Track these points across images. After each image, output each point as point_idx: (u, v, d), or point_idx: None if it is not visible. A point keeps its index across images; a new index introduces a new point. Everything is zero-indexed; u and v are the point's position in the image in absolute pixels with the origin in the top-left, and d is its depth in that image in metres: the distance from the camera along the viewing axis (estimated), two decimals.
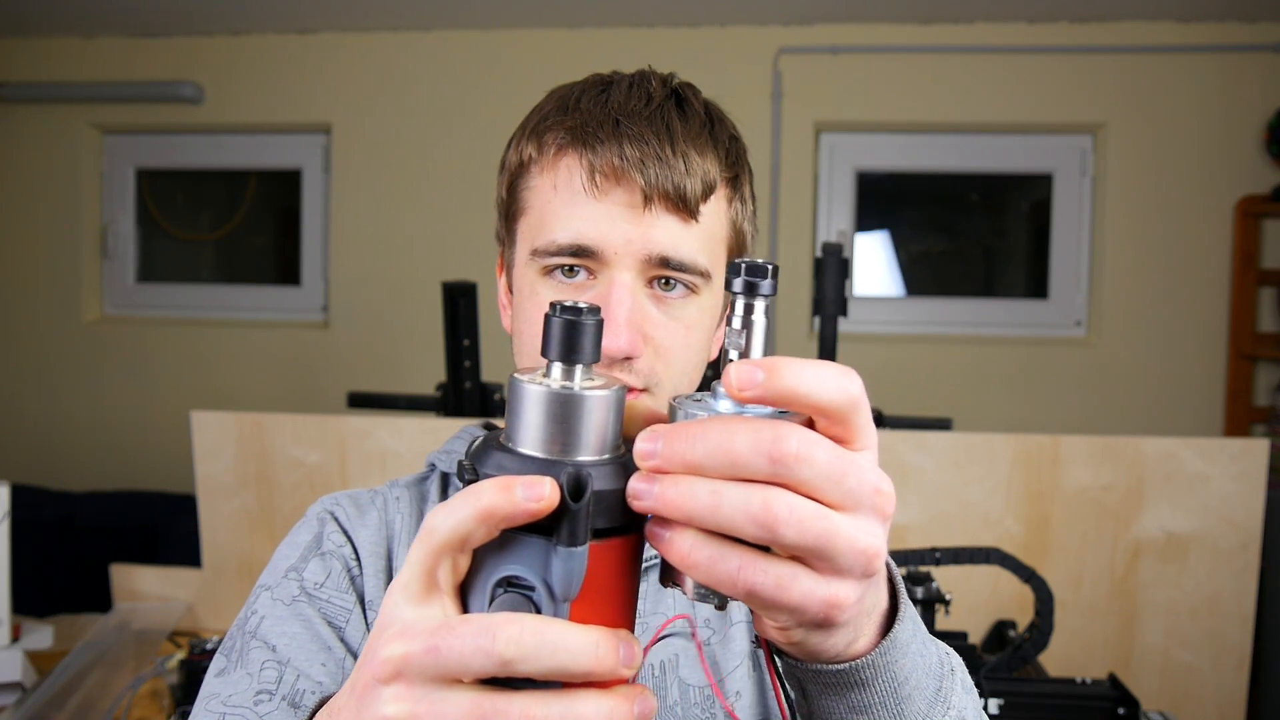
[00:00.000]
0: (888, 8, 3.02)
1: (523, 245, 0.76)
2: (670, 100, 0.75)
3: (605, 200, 0.71)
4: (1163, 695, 1.93)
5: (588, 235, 0.71)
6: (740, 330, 0.42)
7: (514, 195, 0.78)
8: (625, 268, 0.71)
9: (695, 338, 0.76)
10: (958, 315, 3.24)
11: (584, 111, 0.74)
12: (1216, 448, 1.93)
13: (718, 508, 0.38)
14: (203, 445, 2.03)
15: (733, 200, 0.78)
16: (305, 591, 0.76)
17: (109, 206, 3.55)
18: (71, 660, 1.73)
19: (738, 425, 0.38)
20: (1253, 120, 3.01)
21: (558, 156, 0.73)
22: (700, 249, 0.74)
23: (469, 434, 0.87)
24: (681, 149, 0.72)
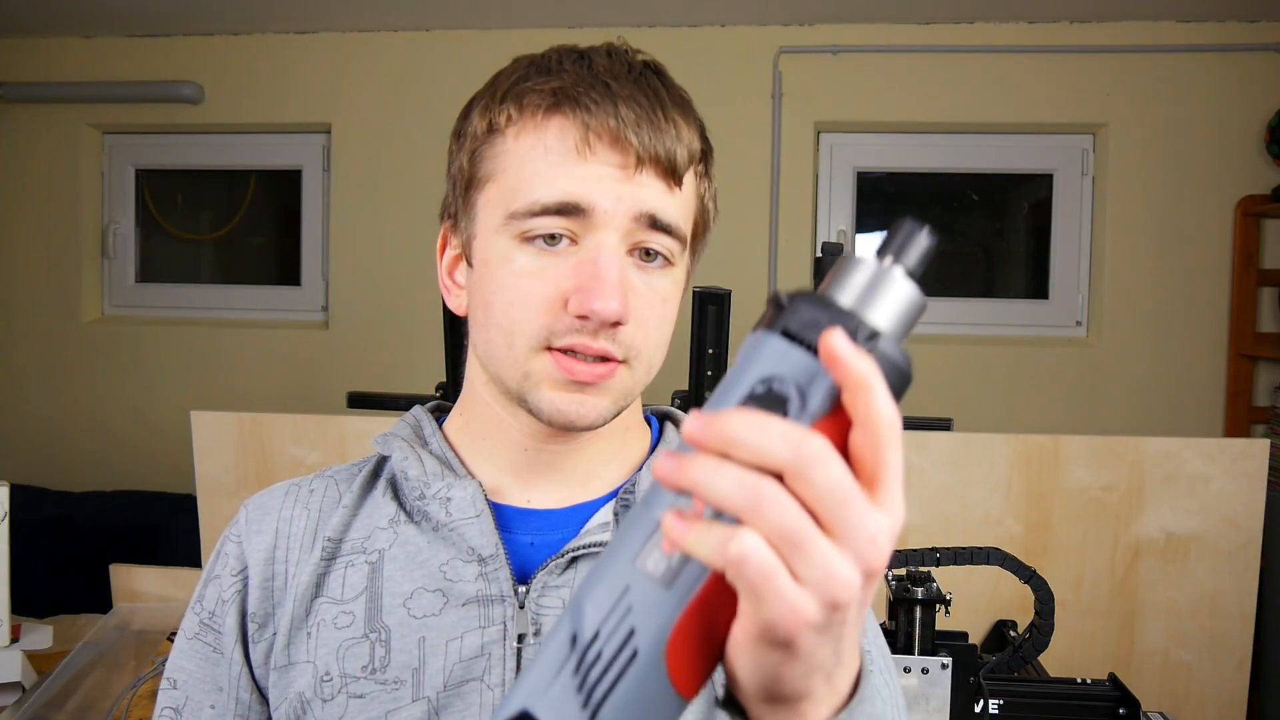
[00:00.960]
0: (888, 8, 3.02)
1: (491, 212, 0.73)
2: (649, 70, 0.74)
3: (595, 161, 0.69)
4: (1163, 695, 1.93)
5: (576, 193, 0.69)
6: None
7: (478, 163, 0.74)
8: (612, 229, 0.70)
9: (669, 311, 0.75)
10: (958, 315, 3.24)
11: (570, 74, 0.72)
12: (1217, 448, 1.93)
13: (717, 475, 0.39)
14: (203, 445, 2.03)
15: (702, 176, 0.77)
16: (203, 622, 0.76)
17: (109, 206, 3.56)
18: (71, 660, 1.73)
19: (775, 419, 0.39)
20: (1253, 120, 3.01)
21: (547, 117, 0.71)
22: (681, 215, 0.73)
23: (413, 418, 0.84)
24: (671, 115, 0.72)
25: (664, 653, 0.41)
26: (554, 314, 0.70)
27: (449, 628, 0.72)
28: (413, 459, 0.78)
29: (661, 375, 0.70)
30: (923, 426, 2.10)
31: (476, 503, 0.75)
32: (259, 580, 0.75)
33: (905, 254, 0.43)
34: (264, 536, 0.77)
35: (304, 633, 0.73)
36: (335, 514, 0.77)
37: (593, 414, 0.72)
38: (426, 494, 0.76)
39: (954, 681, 1.43)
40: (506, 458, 0.78)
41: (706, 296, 2.13)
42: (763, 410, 0.40)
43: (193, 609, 0.77)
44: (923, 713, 1.43)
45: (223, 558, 0.78)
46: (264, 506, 0.79)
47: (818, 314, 0.41)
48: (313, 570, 0.75)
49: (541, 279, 0.70)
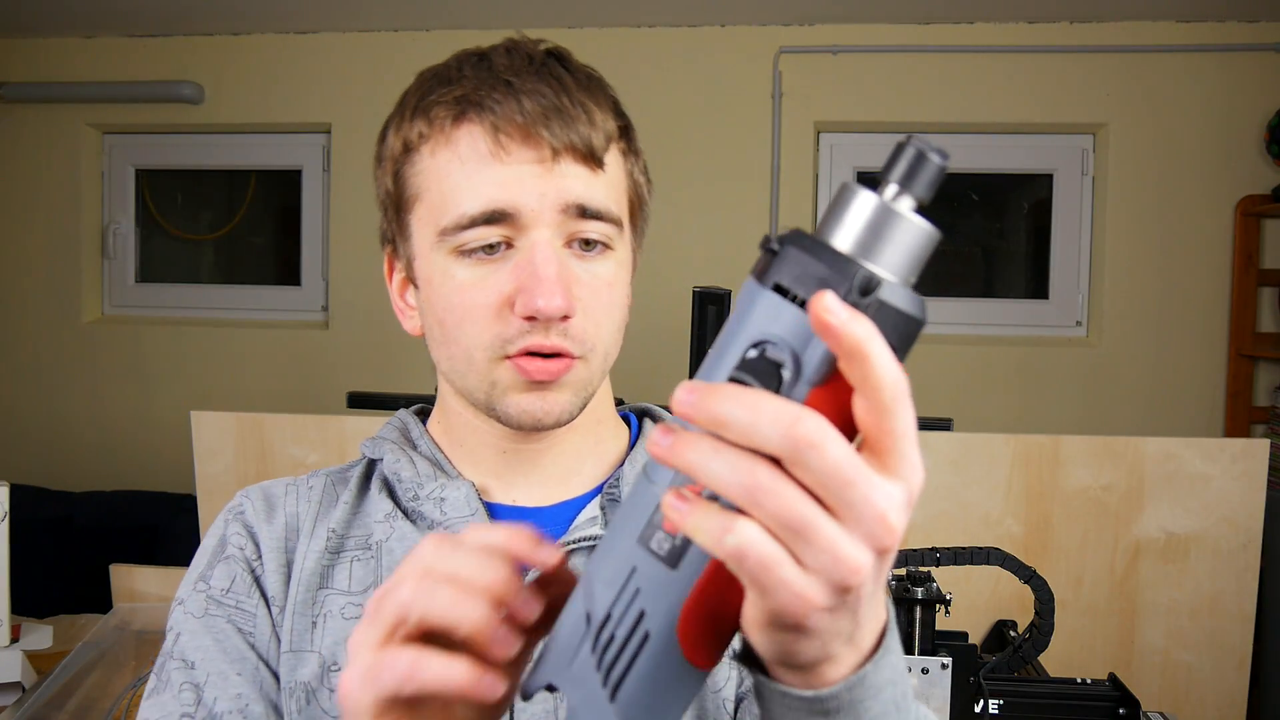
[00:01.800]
0: (888, 8, 3.02)
1: (424, 232, 0.73)
2: (551, 59, 0.73)
3: (511, 161, 0.69)
4: (1163, 696, 1.93)
5: (499, 199, 0.69)
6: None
7: (402, 183, 0.74)
8: (544, 225, 0.69)
9: (617, 295, 0.75)
10: (958, 315, 3.24)
11: (470, 79, 0.71)
12: (1217, 448, 1.93)
13: (711, 460, 0.37)
14: (203, 445, 2.03)
15: (627, 153, 0.77)
16: (213, 600, 0.75)
17: (109, 206, 3.55)
18: (71, 660, 1.73)
19: (766, 397, 0.37)
20: (1253, 120, 3.01)
21: (455, 127, 0.71)
22: (610, 197, 0.73)
23: (399, 421, 0.85)
24: (579, 99, 0.71)
25: (676, 632, 0.40)
26: (503, 320, 0.70)
27: None
28: (404, 461, 0.79)
29: (662, 375, 0.70)
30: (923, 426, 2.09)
31: (470, 502, 0.75)
32: (275, 566, 0.76)
33: (913, 182, 0.39)
34: (275, 525, 0.77)
35: (309, 621, 0.74)
36: (337, 509, 0.78)
37: (557, 409, 0.72)
38: (420, 494, 0.76)
39: (954, 681, 1.43)
40: (486, 460, 0.79)
41: (706, 296, 2.13)
42: (756, 379, 0.38)
43: (196, 588, 0.75)
44: None
45: (232, 540, 0.77)
46: (269, 497, 0.80)
47: (812, 265, 0.38)
48: (317, 559, 0.75)
49: (484, 289, 0.70)
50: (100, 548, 2.93)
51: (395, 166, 0.74)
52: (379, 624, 0.47)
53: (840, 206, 0.39)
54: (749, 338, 0.38)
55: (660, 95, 3.20)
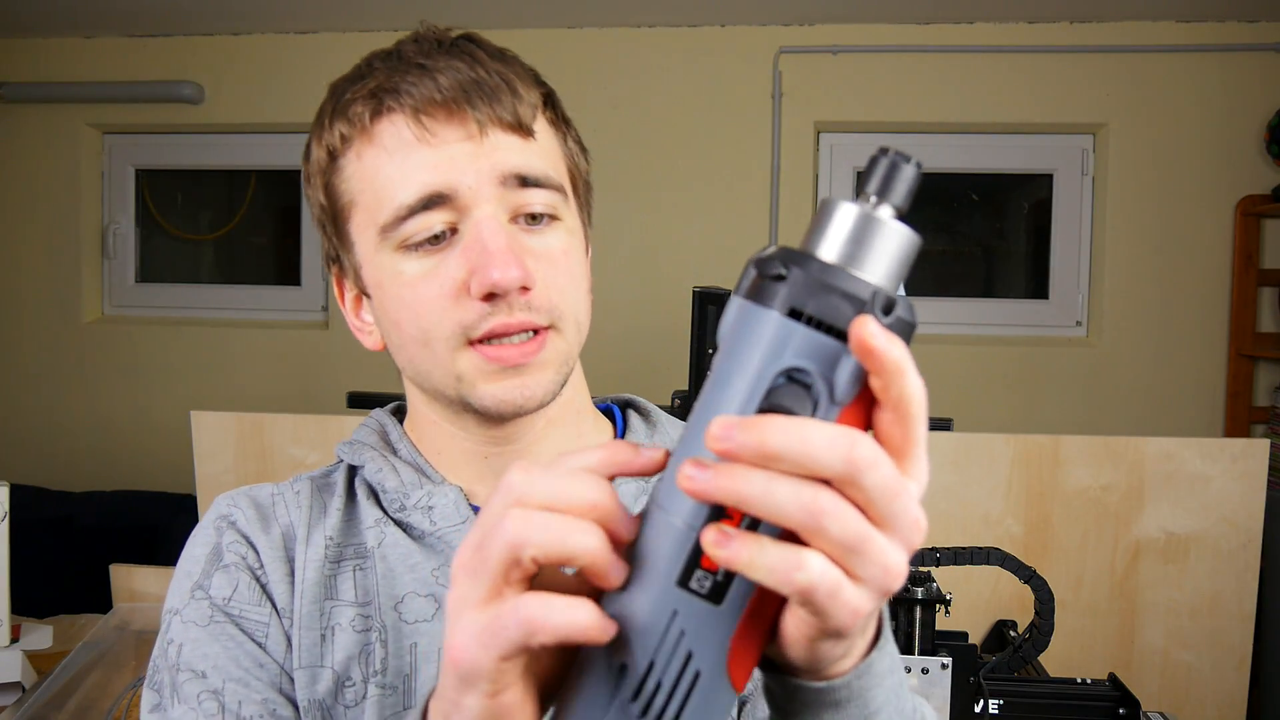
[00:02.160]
0: (888, 8, 3.02)
1: (365, 236, 0.71)
2: (462, 40, 0.72)
3: (438, 143, 0.67)
4: (1163, 696, 1.93)
5: (434, 182, 0.66)
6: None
7: (334, 194, 0.72)
8: (485, 201, 0.67)
9: (575, 264, 0.72)
10: (958, 315, 3.24)
11: (381, 70, 0.69)
12: (1217, 448, 1.93)
13: (770, 492, 0.37)
14: (203, 445, 2.03)
15: (556, 122, 0.74)
16: (217, 608, 0.71)
17: (109, 206, 3.55)
18: (71, 660, 1.73)
19: (814, 424, 0.37)
20: (1253, 120, 3.01)
21: (374, 121, 0.68)
22: (548, 164, 0.70)
23: (376, 423, 0.81)
24: (494, 69, 0.69)
25: (726, 666, 0.40)
26: (461, 306, 0.67)
27: (440, 635, 0.70)
28: (387, 470, 0.75)
29: (662, 375, 0.68)
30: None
31: (460, 508, 0.73)
32: (279, 576, 0.72)
33: (890, 191, 0.39)
34: (272, 535, 0.74)
35: (317, 635, 0.71)
36: (330, 516, 0.75)
37: (539, 391, 0.70)
38: (407, 505, 0.74)
39: (954, 681, 1.43)
40: (468, 467, 0.76)
41: (706, 296, 2.13)
42: (789, 406, 0.37)
43: (194, 597, 0.71)
44: None
45: (230, 548, 0.73)
46: (259, 505, 0.76)
47: (825, 287, 0.37)
48: (318, 569, 0.72)
49: (437, 277, 0.68)
50: (100, 548, 2.93)
51: (324, 179, 0.72)
52: (485, 574, 0.41)
53: (824, 221, 0.39)
54: (774, 366, 0.38)
55: (660, 95, 3.20)
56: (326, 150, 0.71)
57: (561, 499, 0.41)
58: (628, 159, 3.21)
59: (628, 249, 3.20)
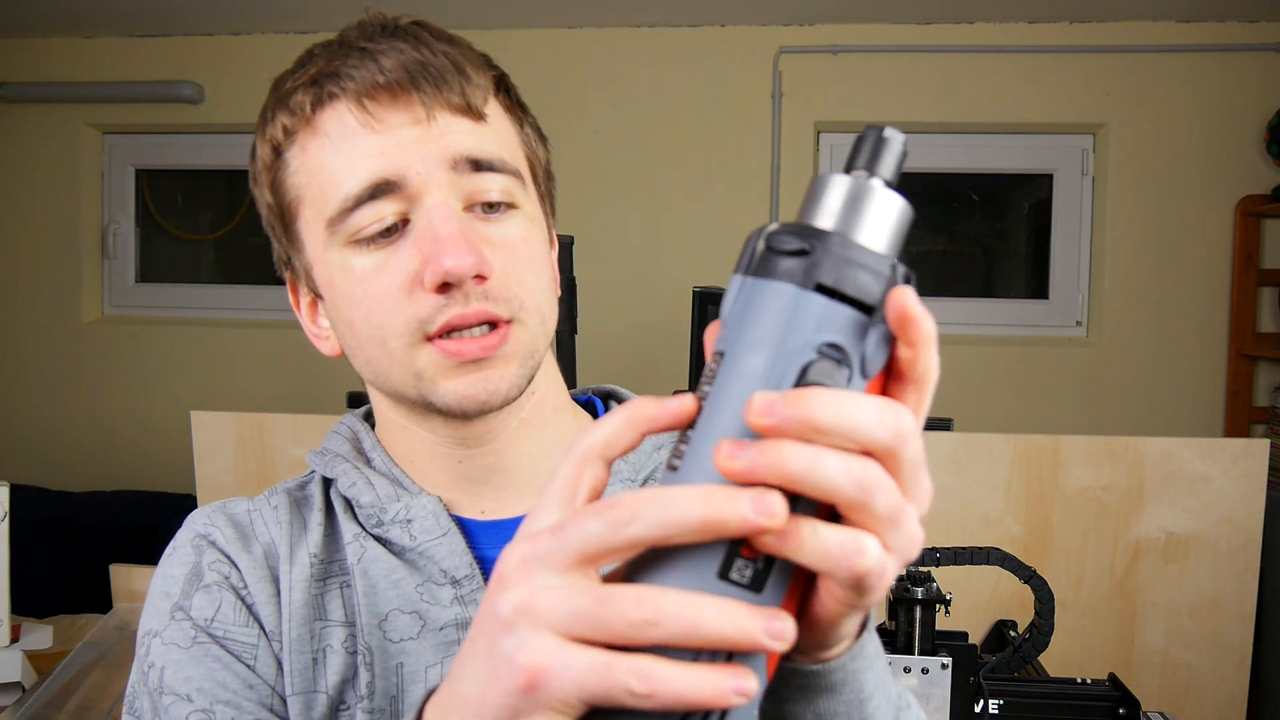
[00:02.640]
0: (888, 8, 3.02)
1: (314, 233, 0.67)
2: (409, 24, 0.68)
3: (383, 128, 0.63)
4: (1163, 695, 1.93)
5: (380, 169, 0.63)
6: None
7: (281, 192, 0.68)
8: (435, 187, 0.63)
9: (536, 253, 0.67)
10: (958, 315, 3.24)
11: (322, 57, 0.66)
12: (1217, 448, 1.93)
13: (821, 466, 0.35)
14: (203, 445, 2.03)
15: (510, 108, 0.70)
16: (200, 629, 0.67)
17: (109, 206, 3.56)
18: (71, 660, 1.73)
19: (860, 397, 0.36)
20: (1253, 120, 3.01)
21: (316, 110, 0.65)
22: (502, 147, 0.66)
23: (348, 430, 0.77)
24: (441, 49, 0.65)
25: (765, 656, 0.39)
26: (415, 299, 0.64)
27: (427, 653, 0.67)
28: (361, 483, 0.71)
29: (661, 374, 0.65)
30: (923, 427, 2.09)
31: (440, 520, 0.69)
32: (265, 597, 0.69)
33: (880, 164, 0.39)
34: (254, 554, 0.70)
35: (309, 658, 0.68)
36: (311, 532, 0.71)
37: (503, 385, 0.65)
38: (384, 520, 0.70)
39: (954, 681, 1.43)
40: (443, 473, 0.72)
41: (706, 296, 2.13)
42: (825, 382, 0.37)
43: (174, 618, 0.68)
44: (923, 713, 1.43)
45: (211, 567, 0.69)
46: (237, 523, 0.72)
47: (849, 261, 0.37)
48: (305, 588, 0.69)
49: (388, 272, 0.64)
50: (100, 548, 2.93)
51: (269, 176, 0.69)
52: (602, 620, 0.36)
53: (821, 194, 0.39)
54: (809, 341, 0.37)
55: (660, 95, 3.20)
56: (271, 146, 0.68)
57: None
58: (628, 159, 3.21)
59: (628, 249, 3.20)
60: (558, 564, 0.37)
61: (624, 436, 0.39)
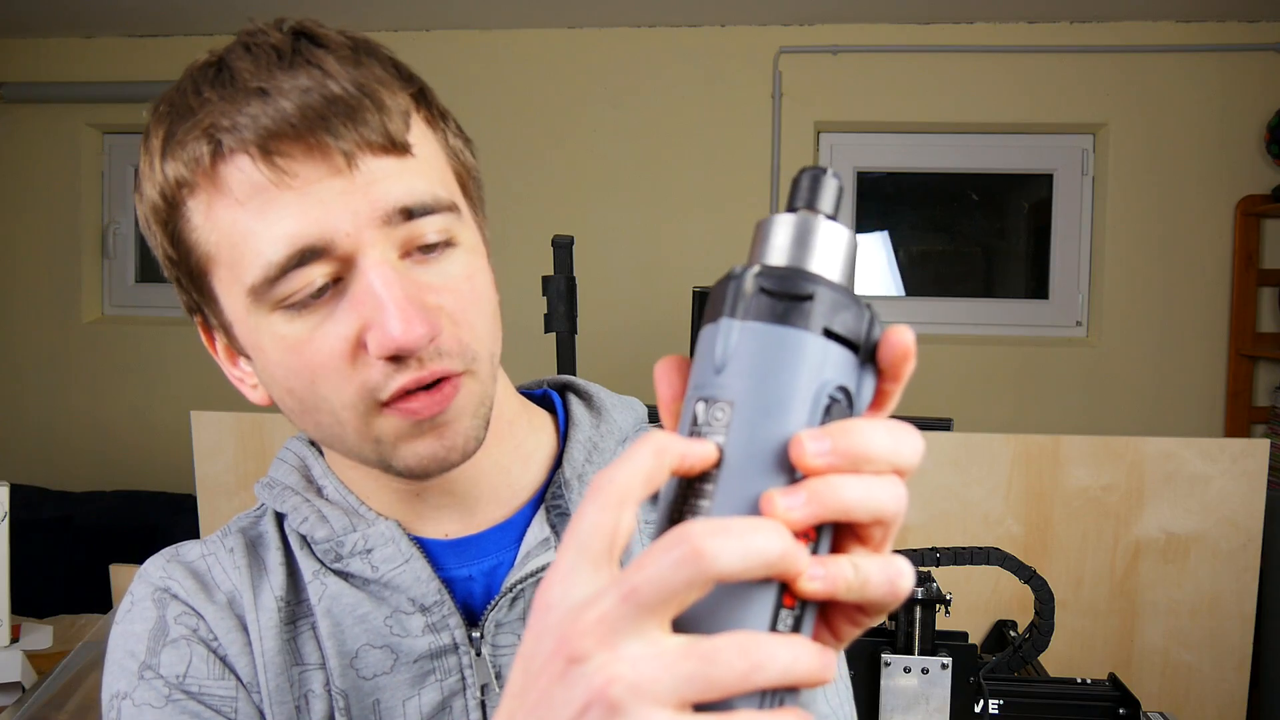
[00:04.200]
0: (888, 8, 3.02)
1: (232, 294, 0.60)
2: (301, 40, 0.59)
3: (300, 184, 0.56)
4: (1163, 696, 1.93)
5: (304, 234, 0.56)
6: None
7: (184, 247, 0.61)
8: (369, 245, 0.57)
9: (479, 287, 0.62)
10: (958, 315, 3.24)
11: (212, 100, 0.57)
12: (1217, 448, 1.93)
13: (872, 495, 0.36)
14: (203, 445, 2.03)
15: (433, 120, 0.63)
16: (173, 686, 0.64)
17: (109, 206, 3.55)
18: (71, 660, 1.73)
19: (892, 422, 0.38)
20: (1253, 120, 3.01)
21: (215, 166, 0.57)
22: (434, 182, 0.60)
23: (295, 455, 0.73)
24: (353, 79, 0.57)
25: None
26: (362, 368, 0.58)
27: (403, 686, 0.65)
28: (314, 518, 0.68)
29: None
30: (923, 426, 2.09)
31: (401, 546, 0.66)
32: (238, 649, 0.66)
33: (819, 199, 0.40)
34: (218, 604, 0.67)
35: (291, 707, 0.65)
36: (272, 574, 0.68)
37: (461, 441, 0.61)
38: (343, 553, 0.67)
39: (954, 681, 1.43)
40: (398, 497, 0.68)
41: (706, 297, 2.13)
42: (839, 417, 0.38)
43: (142, 677, 0.65)
44: (923, 713, 1.43)
45: (177, 620, 0.67)
46: (195, 572, 0.69)
47: (842, 304, 0.38)
48: (275, 635, 0.66)
49: (325, 337, 0.58)
50: (100, 548, 2.93)
51: (166, 228, 0.62)
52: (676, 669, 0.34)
53: (773, 235, 0.40)
54: (825, 386, 0.38)
55: (660, 95, 3.20)
56: (161, 195, 0.60)
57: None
58: (628, 159, 3.21)
59: (628, 249, 3.20)
60: (638, 624, 0.34)
61: (658, 474, 0.36)
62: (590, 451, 0.72)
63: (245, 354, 0.65)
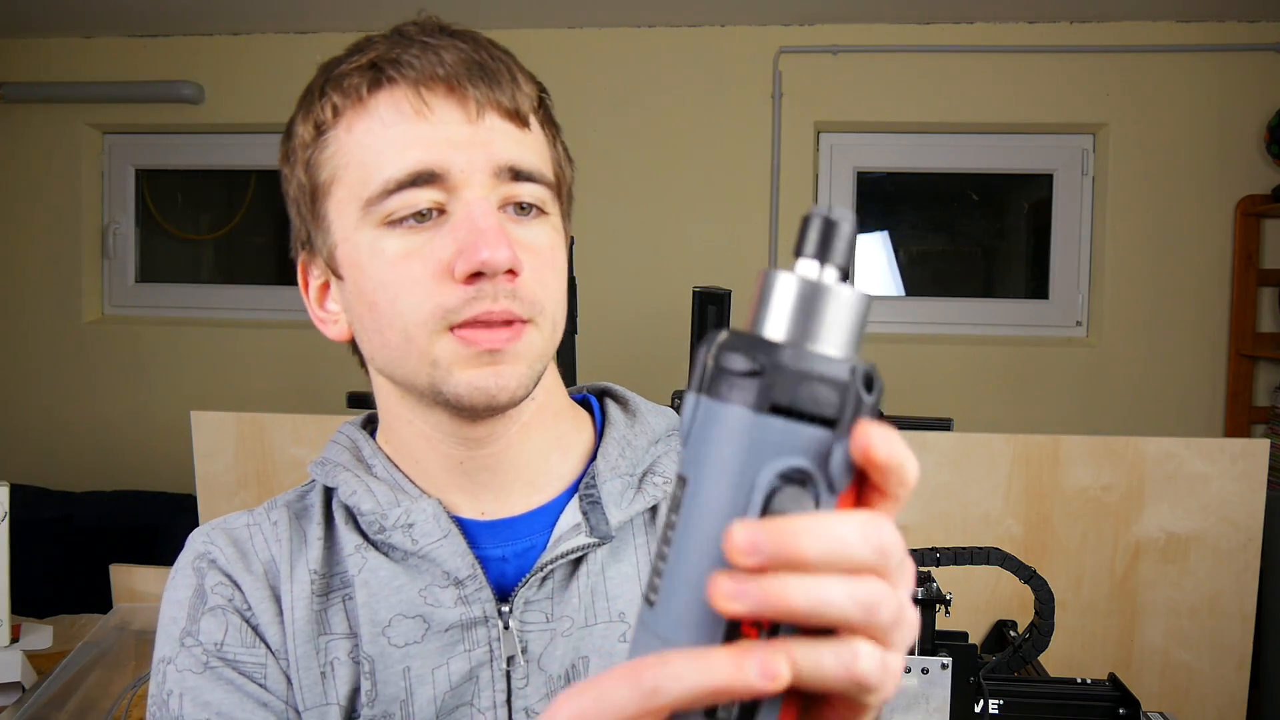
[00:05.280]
0: (888, 8, 3.02)
1: (346, 212, 0.68)
2: (464, 32, 0.70)
3: (435, 119, 0.65)
4: (1163, 695, 1.93)
5: (426, 159, 0.64)
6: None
7: (315, 171, 0.69)
8: (475, 185, 0.65)
9: (558, 260, 0.69)
10: (958, 315, 3.24)
11: (381, 44, 0.67)
12: (1216, 448, 1.93)
13: (825, 598, 0.34)
14: (203, 445, 2.03)
15: (546, 124, 0.72)
16: (211, 653, 0.69)
17: (109, 206, 3.55)
18: (71, 660, 1.73)
19: (843, 517, 0.35)
20: (1253, 120, 3.01)
21: (372, 92, 0.66)
22: (540, 159, 0.69)
23: (347, 439, 0.78)
24: (498, 55, 0.68)
25: None
26: (444, 289, 0.64)
27: (433, 655, 0.69)
28: (362, 491, 0.72)
29: (661, 375, 0.65)
30: (923, 426, 2.10)
31: (441, 522, 0.70)
32: (269, 617, 0.71)
33: (831, 251, 0.36)
34: (255, 573, 0.72)
35: (317, 673, 0.69)
36: (310, 547, 0.72)
37: (513, 383, 0.66)
38: (386, 525, 0.71)
39: (954, 681, 1.43)
40: (444, 473, 0.73)
41: (707, 296, 2.13)
42: (791, 509, 0.35)
43: (184, 644, 0.70)
44: (923, 713, 1.43)
45: (215, 589, 0.71)
46: (236, 541, 0.73)
47: (804, 376, 0.35)
48: (307, 606, 0.70)
49: (420, 257, 0.65)
50: (100, 548, 2.93)
51: (306, 154, 0.70)
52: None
53: (770, 296, 0.36)
54: (768, 470, 0.35)
55: (660, 95, 3.20)
56: (314, 125, 0.69)
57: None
58: (628, 159, 3.21)
59: (628, 249, 3.20)
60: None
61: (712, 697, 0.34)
62: (624, 448, 0.76)
63: (340, 273, 0.70)
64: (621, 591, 0.72)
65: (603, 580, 0.72)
